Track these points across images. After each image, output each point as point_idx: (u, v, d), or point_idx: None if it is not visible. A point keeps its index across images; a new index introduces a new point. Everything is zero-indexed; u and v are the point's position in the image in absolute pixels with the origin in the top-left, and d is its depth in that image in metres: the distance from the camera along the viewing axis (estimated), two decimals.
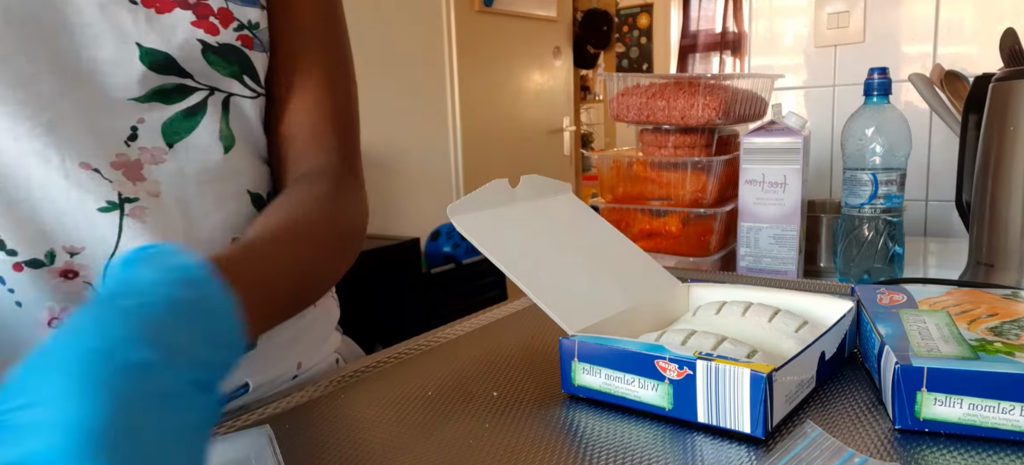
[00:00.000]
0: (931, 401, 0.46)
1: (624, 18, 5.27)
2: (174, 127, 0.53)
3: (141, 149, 0.52)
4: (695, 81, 1.04)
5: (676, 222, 1.04)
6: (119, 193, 0.51)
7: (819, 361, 0.54)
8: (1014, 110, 0.82)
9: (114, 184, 0.50)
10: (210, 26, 0.52)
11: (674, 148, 1.05)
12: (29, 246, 0.49)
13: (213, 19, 0.53)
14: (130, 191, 0.51)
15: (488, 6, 3.24)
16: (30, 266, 0.49)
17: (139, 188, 0.52)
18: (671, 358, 0.49)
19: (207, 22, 0.52)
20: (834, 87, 1.50)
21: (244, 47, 0.55)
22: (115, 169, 0.51)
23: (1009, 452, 0.45)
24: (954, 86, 1.12)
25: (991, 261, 0.85)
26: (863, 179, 0.87)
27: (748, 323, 0.59)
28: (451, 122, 3.15)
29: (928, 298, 0.61)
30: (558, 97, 3.83)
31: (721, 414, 0.48)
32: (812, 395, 0.55)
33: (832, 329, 0.56)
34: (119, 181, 0.51)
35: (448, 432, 0.51)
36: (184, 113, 0.54)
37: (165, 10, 0.51)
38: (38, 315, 0.50)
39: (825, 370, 0.56)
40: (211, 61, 0.53)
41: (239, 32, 0.54)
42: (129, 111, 0.51)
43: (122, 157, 0.51)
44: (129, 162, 0.51)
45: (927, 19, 1.39)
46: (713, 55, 4.93)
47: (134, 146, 0.51)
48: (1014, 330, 0.52)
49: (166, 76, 0.52)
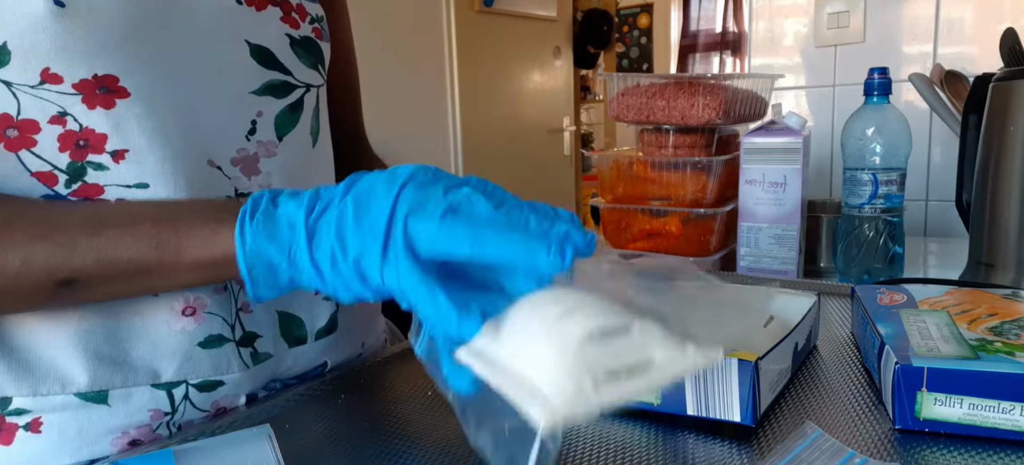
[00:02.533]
0: (931, 401, 0.46)
1: (624, 18, 5.26)
2: (283, 121, 0.57)
3: (259, 143, 0.56)
4: (695, 81, 1.04)
5: (676, 222, 1.04)
6: (235, 189, 0.55)
7: (793, 351, 0.56)
8: (1014, 110, 0.82)
9: (232, 181, 0.54)
10: (293, 21, 0.58)
11: (674, 148, 1.05)
12: None
13: (294, 15, 0.58)
14: (245, 186, 0.55)
15: (488, 6, 3.24)
16: None
17: (253, 182, 0.56)
18: None
19: (290, 18, 0.57)
20: (834, 87, 1.50)
21: (317, 39, 0.60)
22: (234, 165, 0.54)
23: (1009, 452, 0.45)
24: (954, 86, 1.12)
25: (991, 261, 0.85)
26: (863, 179, 0.87)
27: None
28: (451, 122, 3.16)
29: (928, 298, 0.61)
30: (558, 97, 3.83)
31: (711, 405, 0.49)
32: (812, 396, 0.55)
33: (802, 322, 0.58)
34: (236, 178, 0.55)
35: (448, 432, 0.51)
36: (289, 108, 0.58)
37: (261, 8, 0.56)
38: (174, 304, 0.53)
39: (797, 360, 0.58)
40: (298, 53, 0.58)
41: (313, 25, 0.60)
42: (250, 104, 0.55)
43: (242, 152, 0.55)
44: (248, 157, 0.55)
45: (927, 19, 1.39)
46: (713, 55, 4.93)
47: (253, 139, 0.55)
48: (1014, 330, 0.52)
49: (271, 71, 0.56)
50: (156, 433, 0.54)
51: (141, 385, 0.53)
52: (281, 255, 0.41)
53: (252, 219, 0.42)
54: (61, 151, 0.48)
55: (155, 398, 0.53)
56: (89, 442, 0.52)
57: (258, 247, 0.41)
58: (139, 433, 0.54)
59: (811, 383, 0.57)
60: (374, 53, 2.74)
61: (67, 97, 0.47)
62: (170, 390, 0.54)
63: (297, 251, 0.40)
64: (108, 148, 0.49)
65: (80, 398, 0.51)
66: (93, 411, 0.52)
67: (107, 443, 0.53)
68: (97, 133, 0.48)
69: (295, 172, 0.58)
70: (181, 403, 0.55)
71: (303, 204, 0.41)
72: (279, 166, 0.57)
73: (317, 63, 0.60)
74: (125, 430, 0.53)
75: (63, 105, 0.47)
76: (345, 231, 0.39)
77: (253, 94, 0.55)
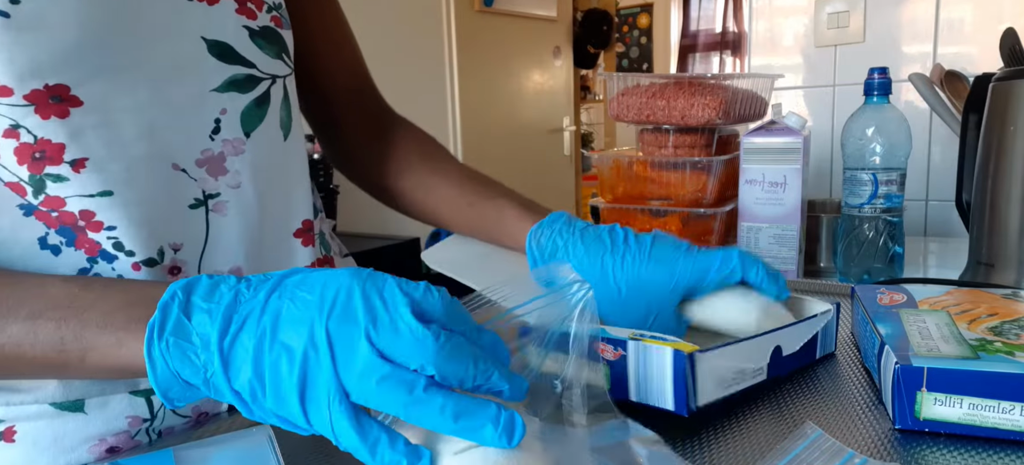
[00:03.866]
0: (931, 401, 0.46)
1: (624, 18, 5.26)
2: (249, 116, 0.56)
3: (224, 141, 0.54)
4: (695, 81, 1.04)
5: (676, 222, 1.04)
6: (202, 191, 0.53)
7: (773, 354, 0.55)
8: (1014, 110, 0.82)
9: (198, 183, 0.53)
10: (249, 12, 0.55)
11: (674, 148, 1.05)
12: (144, 247, 0.51)
13: (250, 5, 0.56)
14: (212, 187, 0.54)
15: (488, 6, 3.24)
16: (146, 265, 0.51)
17: (220, 182, 0.54)
18: (607, 339, 0.51)
19: (246, 8, 0.55)
20: (834, 87, 1.50)
21: (277, 27, 0.58)
22: (199, 167, 0.53)
23: (1009, 452, 0.45)
24: (954, 86, 1.12)
25: (991, 261, 0.85)
26: (863, 179, 0.87)
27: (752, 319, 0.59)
28: (451, 122, 3.15)
29: (928, 298, 0.61)
30: (558, 97, 3.83)
31: (648, 392, 0.49)
32: (812, 395, 0.55)
33: (790, 326, 0.56)
34: (202, 179, 0.53)
35: None
36: (255, 102, 0.56)
37: (214, 1, 0.53)
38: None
39: (783, 366, 0.56)
40: (259, 45, 0.56)
41: (271, 14, 0.58)
42: (212, 102, 0.53)
43: (206, 153, 0.53)
44: (213, 157, 0.54)
45: (927, 19, 1.39)
46: (713, 55, 4.93)
47: (218, 138, 0.54)
48: (1014, 330, 0.53)
49: (233, 66, 0.54)
50: (135, 439, 0.53)
51: (119, 392, 0.52)
52: (197, 378, 0.38)
53: (161, 338, 0.38)
54: (20, 164, 0.47)
55: (133, 405, 0.52)
56: (65, 450, 0.51)
57: (170, 370, 0.38)
58: (117, 440, 0.52)
59: (811, 383, 0.57)
60: (374, 53, 2.74)
61: (18, 109, 0.45)
62: (149, 396, 0.53)
63: (213, 376, 0.37)
64: (67, 158, 0.47)
65: (55, 407, 0.50)
66: (69, 419, 0.51)
67: (84, 451, 0.52)
68: (54, 143, 0.47)
69: (266, 168, 0.57)
70: (160, 409, 0.54)
71: (218, 318, 0.37)
72: (248, 163, 0.55)
73: (280, 53, 0.58)
74: (103, 438, 0.52)
75: (15, 117, 0.45)
76: (263, 367, 0.37)
77: (215, 92, 0.53)
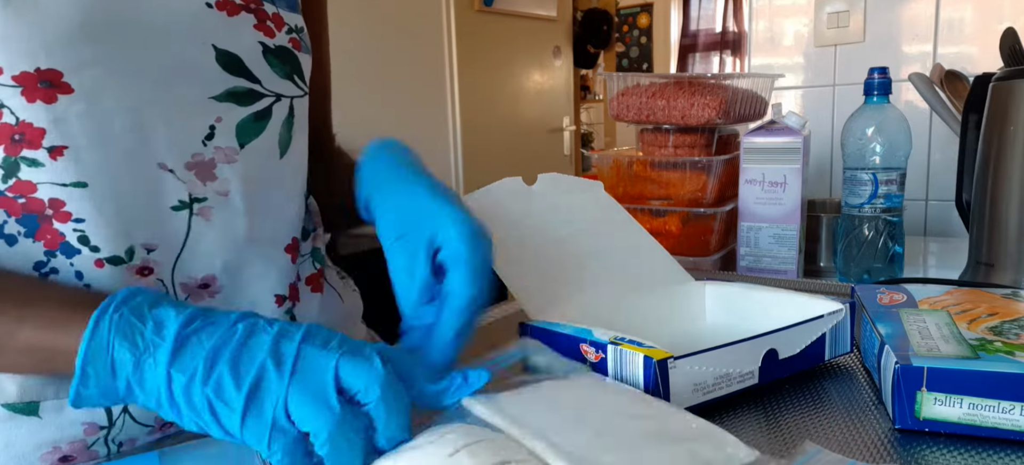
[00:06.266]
0: (931, 401, 0.46)
1: (624, 18, 5.26)
2: (246, 128, 0.56)
3: (217, 148, 0.54)
4: (695, 81, 1.04)
5: (676, 222, 1.04)
6: (189, 193, 0.53)
7: (765, 358, 0.54)
8: (1014, 110, 0.82)
9: (186, 185, 0.53)
10: (268, 30, 0.56)
11: (674, 148, 1.05)
12: (112, 244, 0.50)
13: (269, 23, 0.56)
14: (199, 191, 0.53)
15: (488, 6, 3.24)
16: (111, 263, 0.50)
17: (209, 188, 0.54)
18: (591, 342, 0.52)
19: (265, 26, 0.56)
20: (834, 87, 1.50)
21: (294, 49, 0.59)
22: (189, 170, 0.53)
23: (1009, 452, 0.45)
24: (954, 86, 1.12)
25: (991, 261, 0.85)
26: (863, 179, 0.87)
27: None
28: (451, 122, 3.15)
29: (928, 298, 0.61)
30: (558, 97, 3.83)
31: None
32: (812, 396, 0.55)
33: (783, 330, 0.55)
34: (190, 182, 0.53)
35: None
36: (254, 116, 0.56)
37: (234, 13, 0.54)
38: None
39: (778, 370, 0.55)
40: (270, 62, 0.56)
41: (290, 35, 0.58)
42: (209, 109, 0.53)
43: (197, 157, 0.53)
44: (203, 162, 0.53)
45: (927, 19, 1.39)
46: (713, 55, 4.93)
47: (210, 145, 0.54)
48: (1014, 330, 0.53)
49: (237, 78, 0.54)
50: (91, 449, 0.51)
51: None
52: (129, 355, 0.39)
53: (116, 309, 0.39)
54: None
55: (90, 411, 0.50)
56: (15, 457, 0.50)
57: (106, 342, 0.39)
58: (71, 448, 0.51)
59: (810, 383, 0.57)
60: (374, 53, 2.74)
61: (5, 89, 0.45)
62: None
63: (151, 357, 0.39)
64: (45, 144, 0.47)
65: (8, 410, 0.49)
66: (22, 424, 0.49)
67: (36, 458, 0.50)
68: (35, 127, 0.46)
69: (257, 180, 0.56)
70: (119, 417, 0.51)
71: (184, 313, 0.40)
72: (239, 173, 0.55)
73: (292, 73, 0.58)
74: (56, 445, 0.50)
75: (0, 97, 0.45)
76: (219, 359, 0.39)
77: (213, 99, 0.53)
